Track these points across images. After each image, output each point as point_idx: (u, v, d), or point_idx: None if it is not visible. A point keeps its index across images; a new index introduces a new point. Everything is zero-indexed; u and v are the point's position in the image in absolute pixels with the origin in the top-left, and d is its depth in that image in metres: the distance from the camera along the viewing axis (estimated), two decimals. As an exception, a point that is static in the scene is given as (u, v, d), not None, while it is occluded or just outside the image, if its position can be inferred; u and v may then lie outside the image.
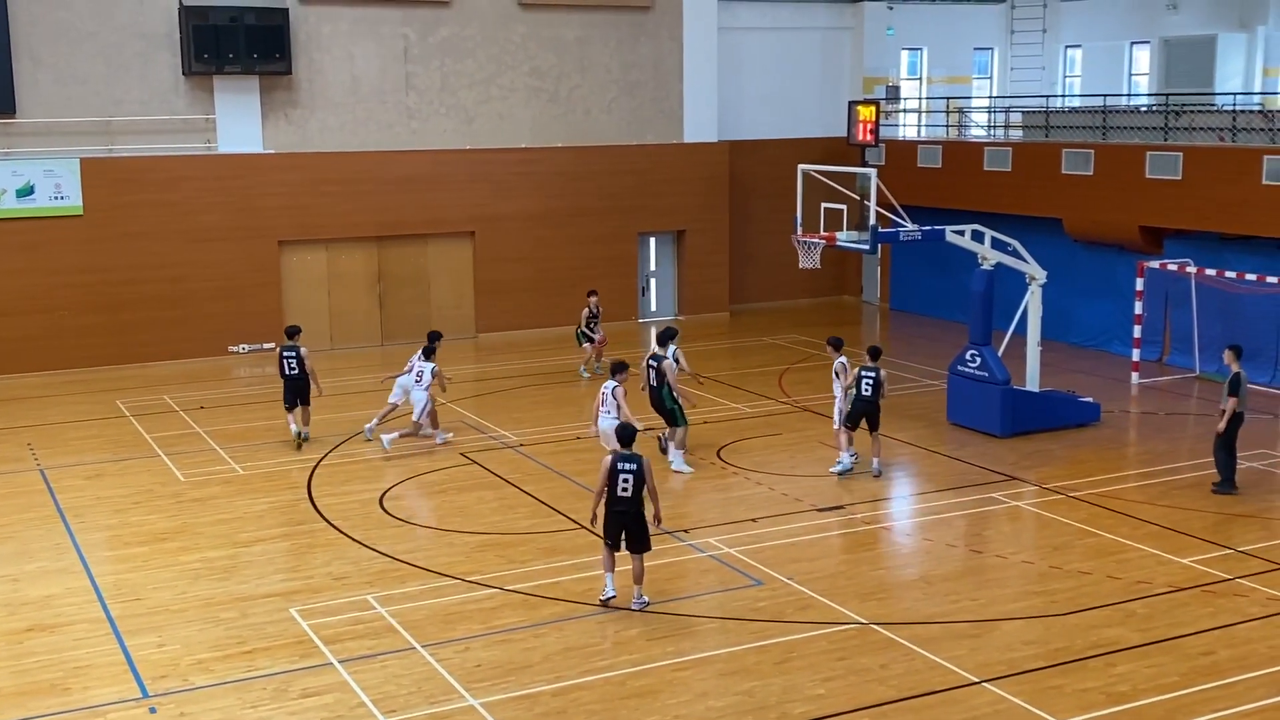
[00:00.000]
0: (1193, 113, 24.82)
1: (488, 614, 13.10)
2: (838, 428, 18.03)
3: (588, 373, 24.08)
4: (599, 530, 13.34)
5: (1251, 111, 24.73)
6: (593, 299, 24.25)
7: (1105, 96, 27.64)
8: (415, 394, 19.26)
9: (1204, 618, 12.80)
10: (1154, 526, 15.51)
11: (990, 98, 33.06)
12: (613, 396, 16.20)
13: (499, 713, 10.99)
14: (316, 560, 14.76)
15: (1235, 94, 26.56)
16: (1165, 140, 24.52)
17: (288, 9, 25.79)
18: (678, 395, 18.01)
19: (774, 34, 31.69)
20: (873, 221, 19.16)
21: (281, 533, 15.85)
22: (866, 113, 20.45)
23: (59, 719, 11.06)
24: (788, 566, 14.28)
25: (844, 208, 20.14)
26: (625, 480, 12.80)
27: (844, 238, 19.86)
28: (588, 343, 24.10)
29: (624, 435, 13.28)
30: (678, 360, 18.73)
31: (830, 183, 20.35)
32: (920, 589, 13.75)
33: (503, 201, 28.19)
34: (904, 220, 19.89)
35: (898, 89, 32.70)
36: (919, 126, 32.10)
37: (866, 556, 14.94)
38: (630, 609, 13.06)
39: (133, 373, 24.93)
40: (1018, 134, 29.07)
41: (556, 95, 28.67)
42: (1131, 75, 32.22)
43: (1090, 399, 20.71)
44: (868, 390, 17.46)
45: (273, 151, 26.37)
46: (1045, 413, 19.93)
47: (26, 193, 24.47)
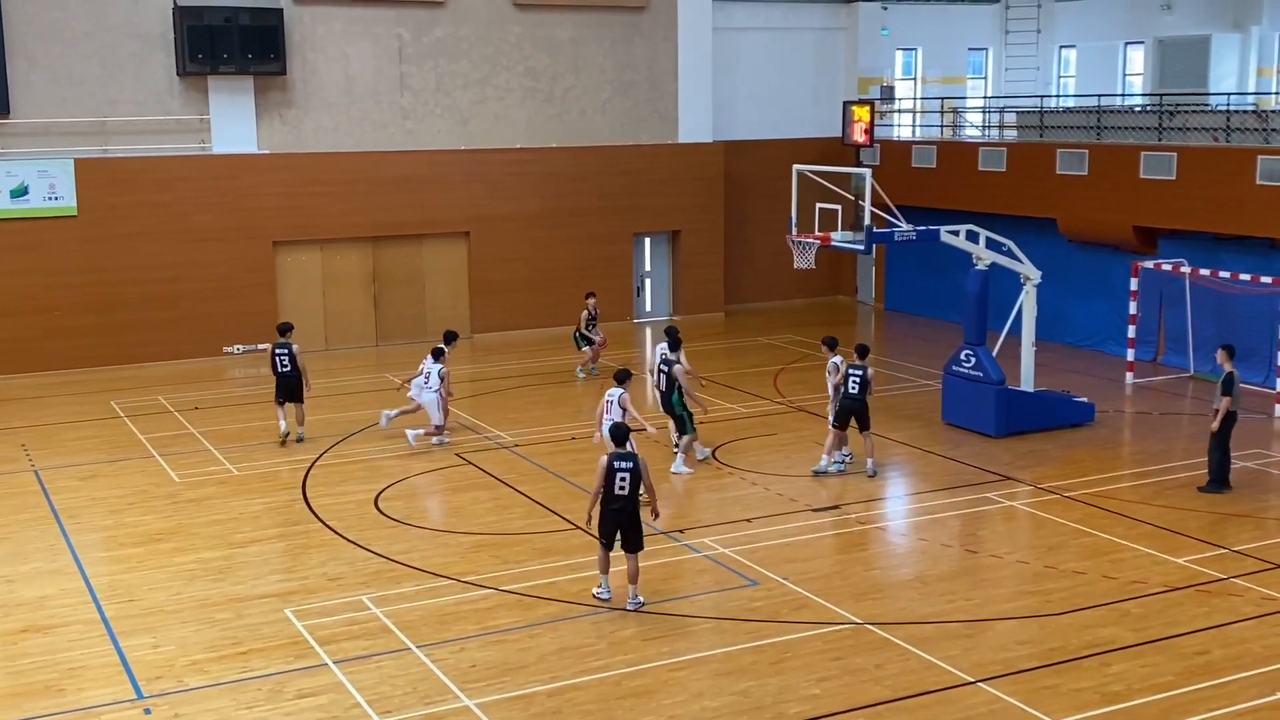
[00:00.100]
0: (1187, 113, 24.84)
1: (483, 614, 13.10)
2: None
3: (584, 374, 24.10)
4: (594, 531, 13.36)
5: (1245, 112, 24.75)
6: (591, 301, 24.24)
7: (1100, 97, 27.69)
8: (424, 396, 19.25)
9: (1199, 617, 12.82)
10: (1149, 526, 15.53)
11: (985, 98, 33.07)
12: (619, 404, 16.19)
13: (494, 713, 10.99)
14: (311, 561, 14.76)
15: (1229, 94, 26.58)
16: (1159, 140, 24.56)
17: (282, 9, 25.77)
18: (688, 401, 18.02)
19: (769, 34, 31.71)
20: (867, 222, 19.16)
21: (277, 533, 15.85)
22: (861, 113, 20.46)
23: (54, 720, 11.07)
24: (783, 566, 14.30)
25: (839, 208, 20.15)
26: (622, 478, 12.91)
27: (839, 238, 19.88)
28: (586, 345, 24.08)
29: (617, 435, 13.34)
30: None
31: (825, 183, 20.36)
32: (915, 589, 13.77)
33: (498, 202, 28.18)
34: (899, 220, 19.90)
35: (892, 89, 32.72)
36: (914, 126, 32.11)
37: (861, 556, 14.95)
38: (625, 609, 13.08)
39: (127, 373, 24.90)
40: (1012, 134, 29.09)
41: (551, 95, 28.67)
42: (1126, 75, 32.23)
43: (1085, 399, 20.74)
44: (855, 388, 17.46)
45: (267, 152, 26.35)
46: (1040, 413, 19.96)
47: (21, 193, 24.44)
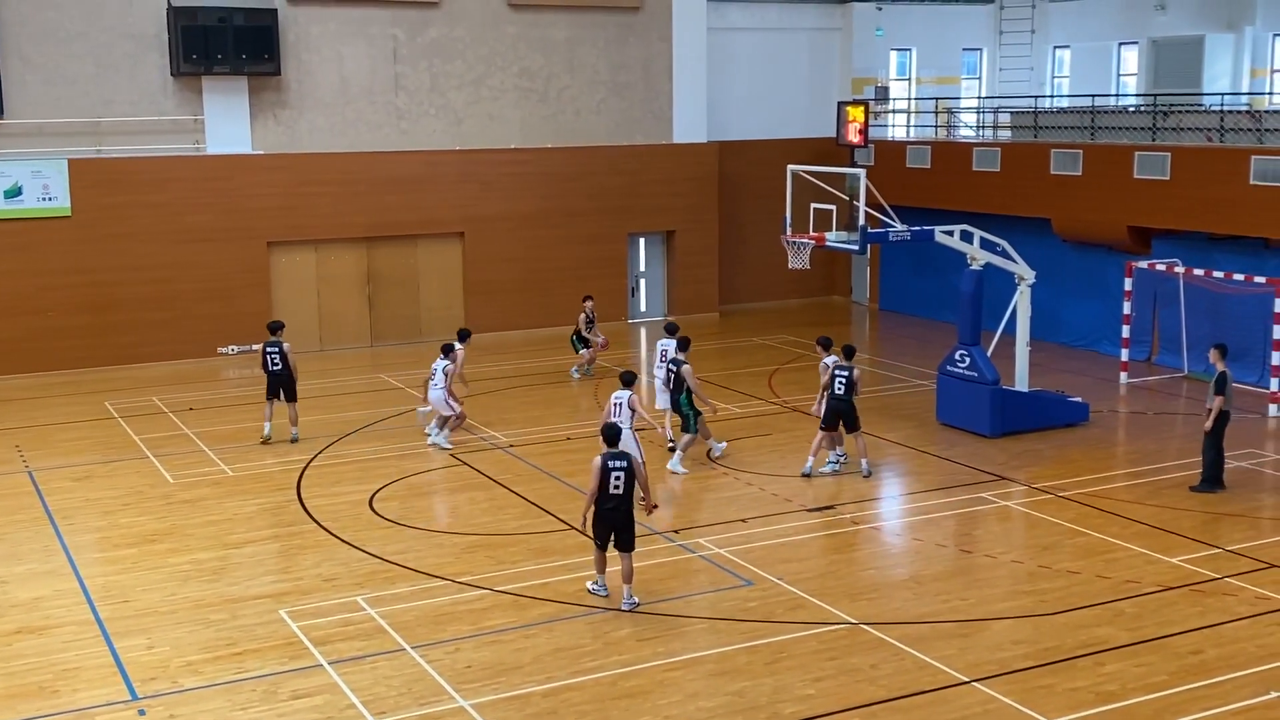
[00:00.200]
0: (1180, 113, 24.88)
1: (478, 615, 13.09)
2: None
3: (579, 374, 24.09)
4: (590, 532, 13.36)
5: (1239, 112, 24.79)
6: (588, 304, 24.20)
7: (1094, 97, 27.71)
8: (432, 394, 19.26)
9: (1192, 617, 12.84)
10: (1143, 526, 15.55)
11: (979, 98, 33.09)
12: (627, 406, 16.19)
13: (489, 714, 10.98)
14: (306, 562, 14.75)
15: (1223, 94, 26.59)
16: (1153, 140, 24.58)
17: (276, 10, 25.75)
18: (697, 402, 18.03)
19: (763, 35, 31.73)
20: (862, 222, 19.18)
21: (271, 534, 15.84)
22: (856, 113, 20.52)
23: (48, 721, 11.06)
24: (778, 567, 14.30)
25: (833, 208, 20.14)
26: (617, 478, 12.95)
27: (833, 238, 19.88)
28: (583, 348, 24.05)
29: (609, 434, 13.36)
30: None
31: (819, 183, 20.36)
32: (910, 589, 13.77)
33: (492, 202, 28.17)
34: (893, 220, 19.91)
35: (886, 89, 32.74)
36: (908, 127, 32.14)
37: (856, 556, 14.96)
38: (620, 609, 13.08)
39: (122, 374, 24.87)
40: (1006, 134, 29.13)
41: (546, 96, 28.66)
42: (1119, 76, 32.26)
43: (1079, 399, 20.75)
44: (841, 389, 17.44)
45: (262, 152, 26.33)
46: (1034, 413, 19.97)
47: (14, 194, 24.40)
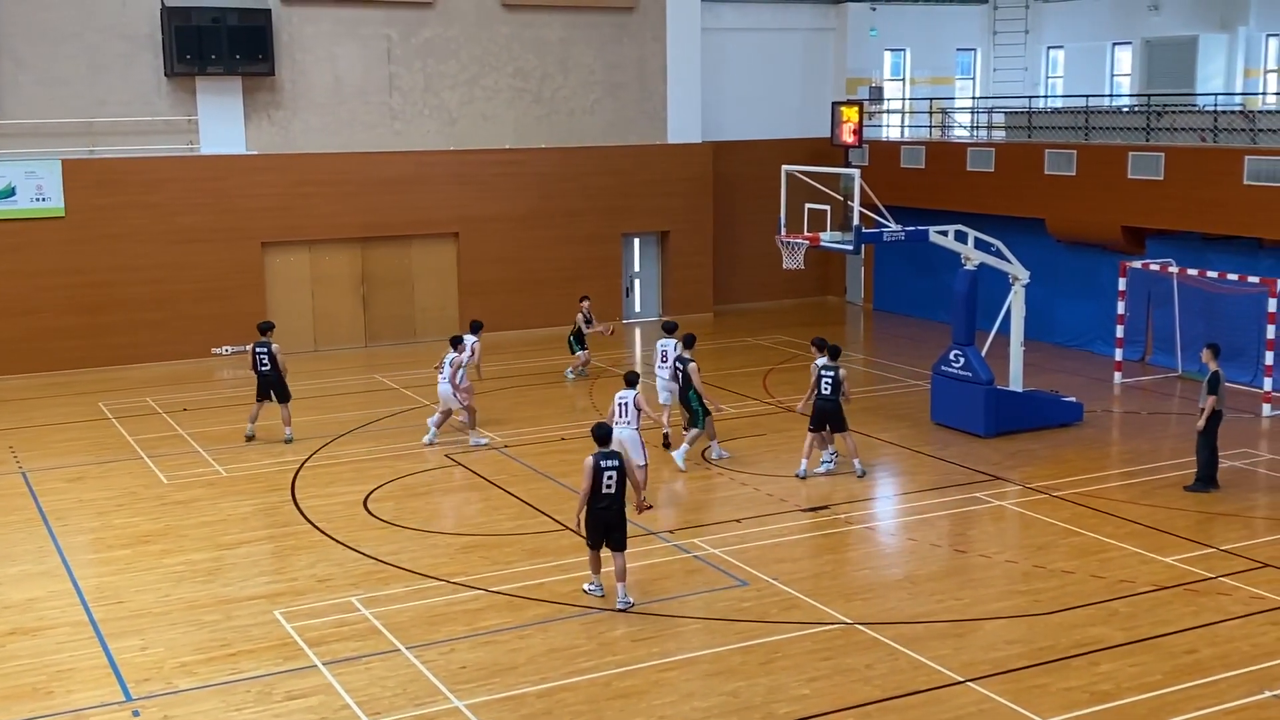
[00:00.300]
0: (1174, 113, 24.91)
1: (472, 615, 13.08)
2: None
3: (573, 374, 24.08)
4: (583, 532, 13.35)
5: (1232, 112, 24.81)
6: (585, 304, 24.20)
7: (1087, 97, 27.74)
8: (440, 388, 19.25)
9: (1187, 616, 12.85)
10: (1137, 525, 15.57)
11: (973, 98, 33.10)
12: (633, 405, 16.15)
13: (484, 714, 10.97)
14: (301, 562, 14.73)
15: (1216, 94, 26.66)
16: (1147, 141, 24.61)
17: (270, 10, 25.73)
18: (706, 400, 18.07)
19: (757, 35, 31.73)
20: (856, 222, 19.19)
21: (265, 535, 15.82)
22: (850, 113, 20.49)
23: (42, 723, 11.03)
24: (772, 567, 14.30)
25: (828, 208, 20.16)
26: (609, 477, 12.95)
27: (828, 238, 19.89)
28: (580, 349, 24.03)
29: (600, 433, 13.37)
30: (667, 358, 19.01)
31: (814, 183, 20.37)
32: (905, 589, 13.78)
33: (486, 202, 28.16)
34: (887, 221, 19.92)
35: (881, 90, 32.74)
36: (902, 127, 32.17)
37: (851, 556, 14.97)
38: (615, 609, 13.07)
39: (115, 374, 24.83)
40: (1000, 134, 29.14)
41: (540, 96, 28.65)
42: (1113, 76, 32.31)
43: (1073, 399, 20.77)
44: (827, 389, 17.43)
45: (255, 153, 26.30)
46: (1029, 412, 19.99)
47: (8, 194, 24.35)
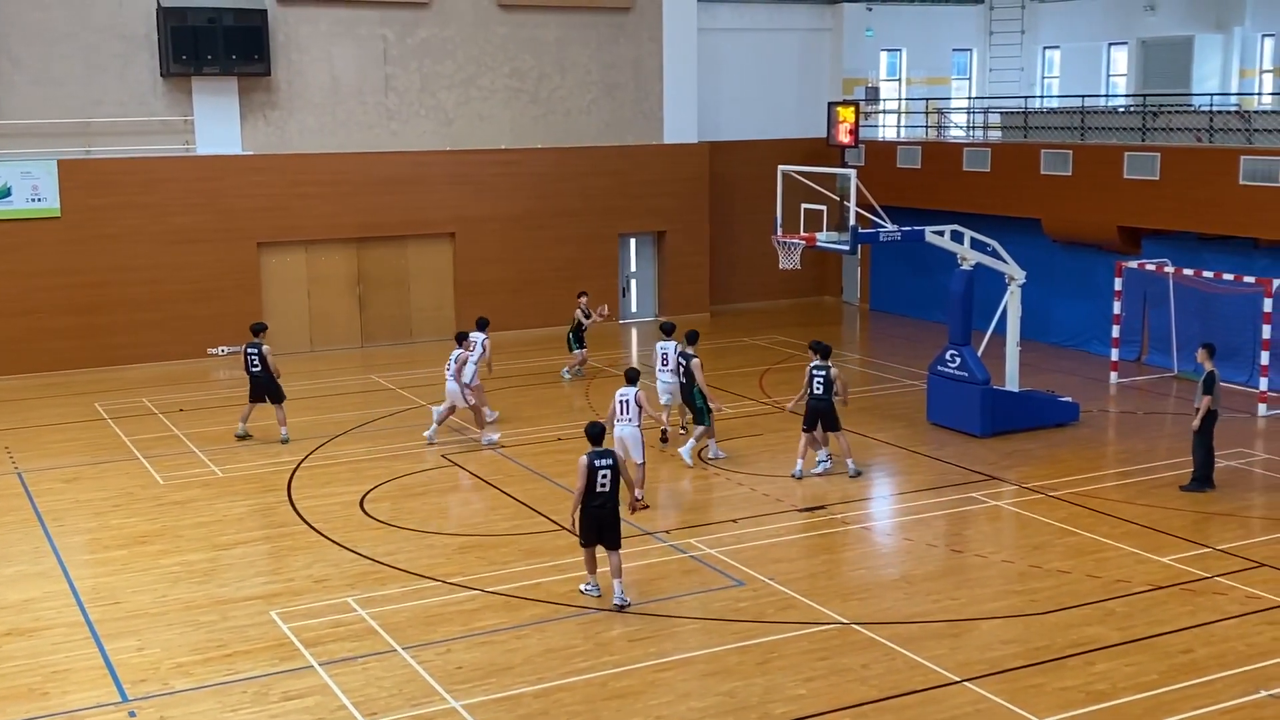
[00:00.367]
0: (1170, 113, 24.93)
1: (469, 616, 13.08)
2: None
3: (569, 375, 24.08)
4: (577, 531, 13.35)
5: (1228, 112, 24.84)
6: (583, 300, 24.23)
7: (1083, 97, 27.77)
8: (449, 386, 19.28)
9: (1182, 616, 12.86)
10: (1133, 525, 15.58)
11: (969, 99, 33.12)
12: (634, 403, 16.17)
13: (480, 714, 10.97)
14: (297, 563, 14.72)
15: (1212, 95, 26.68)
16: (1143, 141, 24.64)
17: (266, 10, 25.70)
18: (708, 396, 18.15)
19: (753, 35, 31.74)
20: (852, 222, 19.19)
21: (262, 535, 15.81)
22: (846, 114, 20.49)
23: (37, 724, 11.02)
24: (769, 567, 14.30)
25: (824, 208, 20.17)
26: (604, 476, 13.01)
27: (824, 238, 19.90)
28: (579, 347, 24.04)
29: (593, 432, 13.41)
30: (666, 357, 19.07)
31: (810, 183, 20.37)
32: (901, 589, 13.79)
33: (483, 203, 28.15)
34: (884, 221, 19.93)
35: (877, 90, 32.76)
36: (898, 127, 32.18)
37: (847, 556, 14.97)
38: (612, 606, 13.07)
39: (111, 375, 24.81)
40: (996, 135, 29.15)
41: (536, 96, 28.64)
42: (1109, 76, 32.33)
43: (1069, 399, 20.79)
44: (819, 388, 17.44)
45: (251, 153, 26.28)
46: (1025, 412, 20.00)
47: (3, 195, 24.31)
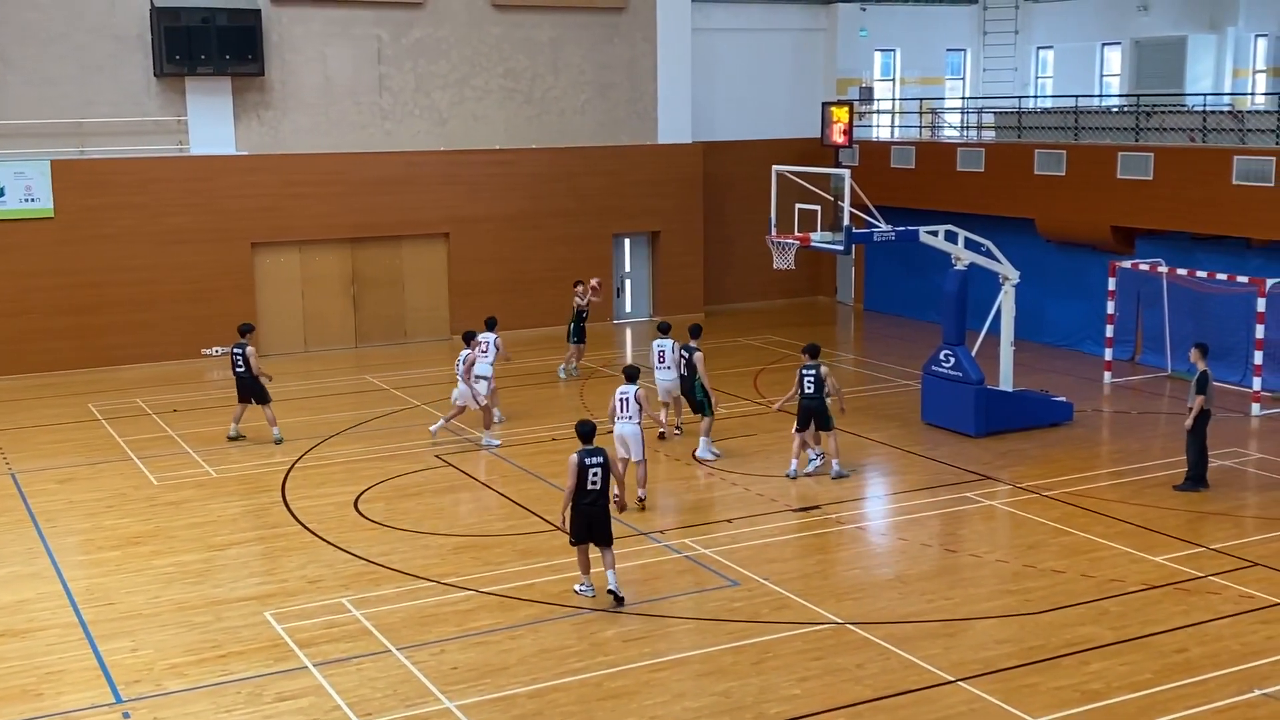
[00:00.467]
0: (1163, 113, 24.97)
1: (463, 616, 13.07)
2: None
3: (565, 374, 24.08)
4: (568, 529, 13.37)
5: (1221, 112, 24.89)
6: (580, 288, 24.27)
7: (1077, 97, 27.79)
8: (460, 388, 19.32)
9: (1176, 615, 12.88)
10: (1127, 525, 15.60)
11: (963, 99, 33.17)
12: (635, 401, 16.18)
13: (475, 715, 10.97)
14: (291, 563, 14.71)
15: (1205, 95, 26.71)
16: (1136, 141, 24.67)
17: (260, 10, 25.67)
18: (709, 388, 18.23)
19: (747, 35, 31.75)
20: (846, 222, 19.20)
21: (256, 536, 15.79)
22: (840, 114, 20.55)
23: (31, 725, 11.00)
24: (763, 567, 14.31)
25: (818, 208, 20.16)
26: (594, 474, 13.06)
27: (818, 238, 19.91)
28: (578, 342, 24.07)
29: (584, 430, 13.46)
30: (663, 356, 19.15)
31: (804, 183, 20.37)
32: (895, 588, 13.80)
33: (477, 203, 28.14)
34: (878, 221, 19.93)
35: (871, 90, 32.79)
36: (892, 127, 32.20)
37: (842, 556, 14.98)
38: (608, 606, 13.07)
39: (104, 376, 24.77)
40: (990, 135, 29.19)
41: (530, 96, 28.64)
42: (1103, 76, 32.36)
43: (1063, 398, 20.81)
44: (810, 388, 17.45)
45: (245, 153, 26.25)
46: (1019, 412, 20.02)
47: (-4, 195, 24.32)
